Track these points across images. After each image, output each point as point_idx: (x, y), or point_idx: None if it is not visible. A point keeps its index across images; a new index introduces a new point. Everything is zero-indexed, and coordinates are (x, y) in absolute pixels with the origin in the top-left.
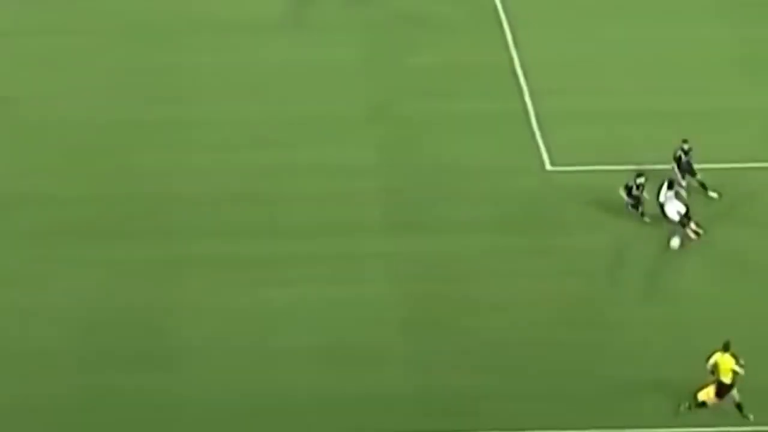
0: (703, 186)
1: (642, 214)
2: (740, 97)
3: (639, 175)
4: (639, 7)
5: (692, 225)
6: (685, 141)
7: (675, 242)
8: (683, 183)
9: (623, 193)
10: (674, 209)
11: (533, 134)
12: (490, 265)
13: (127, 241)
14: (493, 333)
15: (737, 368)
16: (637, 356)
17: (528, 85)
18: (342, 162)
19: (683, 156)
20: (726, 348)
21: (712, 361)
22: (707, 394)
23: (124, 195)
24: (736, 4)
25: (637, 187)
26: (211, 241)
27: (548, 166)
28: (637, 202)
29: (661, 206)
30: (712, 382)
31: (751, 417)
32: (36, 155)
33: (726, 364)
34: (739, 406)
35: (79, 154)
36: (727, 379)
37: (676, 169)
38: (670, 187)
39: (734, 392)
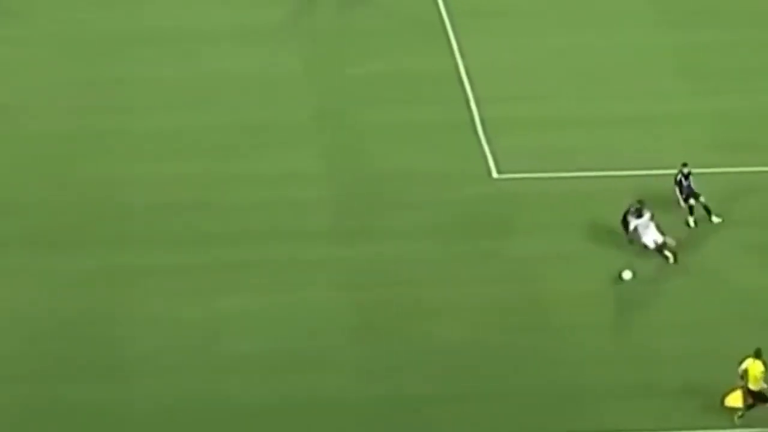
0: (707, 210)
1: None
2: (680, 103)
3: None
4: (580, 15)
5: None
6: (684, 164)
7: (627, 274)
8: (683, 205)
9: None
10: (651, 238)
11: (480, 142)
12: (436, 271)
13: (75, 250)
14: (439, 338)
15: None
16: (581, 360)
17: (474, 93)
18: (289, 170)
19: (683, 180)
20: (758, 355)
21: (743, 366)
22: (735, 399)
23: (73, 204)
24: (673, 11)
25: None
26: (161, 250)
27: (495, 174)
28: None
29: (629, 231)
30: (740, 388)
31: None
32: None
33: (755, 370)
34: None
35: (28, 164)
36: (755, 386)
37: (678, 193)
38: (639, 215)
39: None
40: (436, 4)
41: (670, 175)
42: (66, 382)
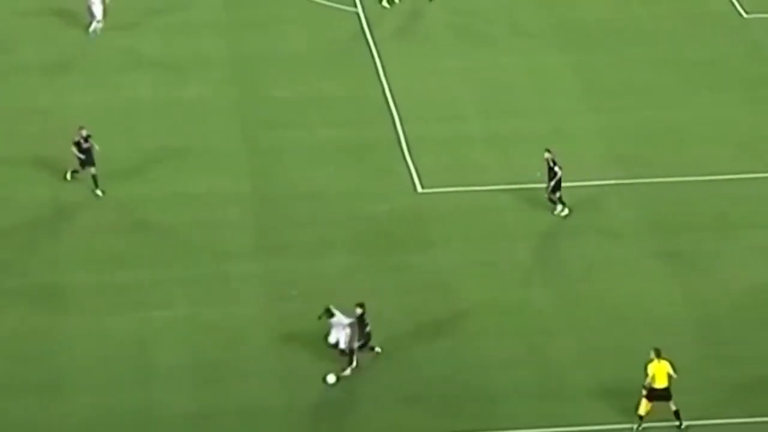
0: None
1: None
2: (579, 118)
3: None
4: (489, 40)
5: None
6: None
7: (331, 378)
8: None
9: None
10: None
11: (405, 159)
12: (354, 282)
13: (6, 269)
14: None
15: (672, 373)
16: (485, 364)
17: (398, 113)
18: (214, 190)
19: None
20: (658, 354)
21: (650, 370)
22: (646, 406)
23: (6, 226)
24: (570, 34)
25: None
26: (91, 268)
27: (420, 188)
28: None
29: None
30: (644, 396)
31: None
32: None
33: (662, 370)
34: (676, 414)
35: None
36: (661, 384)
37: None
38: (330, 315)
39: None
40: (363, 30)
41: (576, 187)
42: (3, 399)
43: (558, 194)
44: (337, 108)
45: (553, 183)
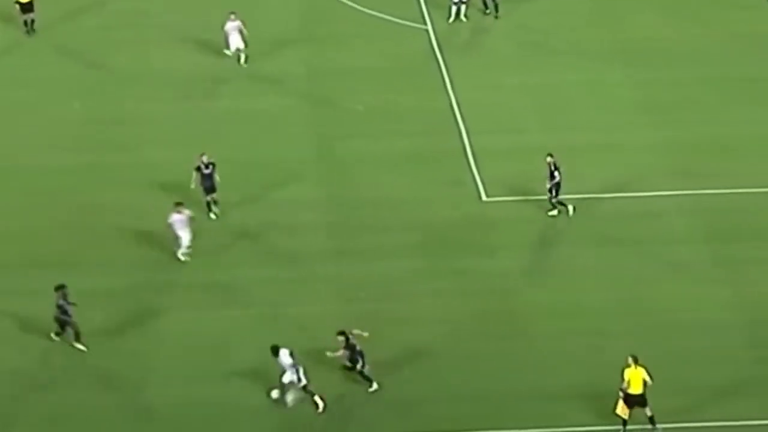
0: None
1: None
2: (635, 132)
3: None
4: (554, 56)
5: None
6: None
7: (274, 394)
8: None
9: None
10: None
11: (470, 169)
12: (421, 285)
13: (74, 270)
14: (420, 345)
15: (648, 379)
16: (549, 364)
17: (465, 125)
18: (291, 197)
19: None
20: (636, 361)
21: (626, 375)
22: (622, 409)
23: (81, 230)
24: (628, 53)
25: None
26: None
27: (484, 197)
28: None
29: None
30: (621, 397)
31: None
32: (4, 196)
33: (638, 376)
34: (651, 420)
35: (39, 195)
36: (636, 390)
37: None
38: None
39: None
40: (432, 46)
41: (633, 198)
42: (76, 390)
43: (554, 196)
44: (406, 120)
45: (551, 185)
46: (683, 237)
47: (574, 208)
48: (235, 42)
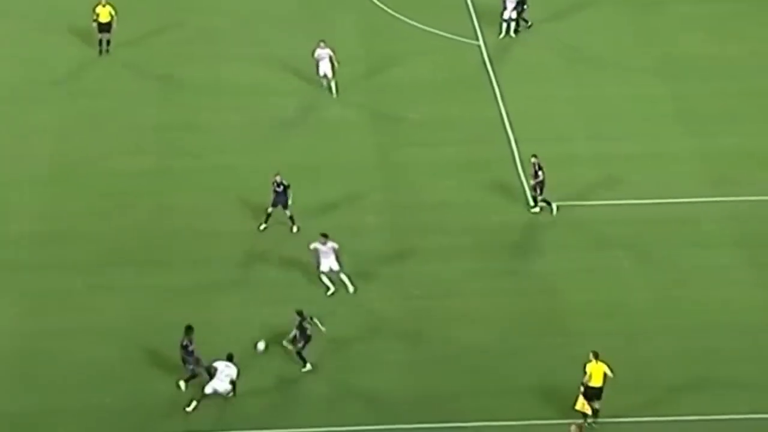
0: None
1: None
2: (676, 142)
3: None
4: (597, 70)
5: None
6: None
7: (260, 345)
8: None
9: None
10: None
11: (519, 175)
12: (471, 284)
13: (156, 269)
14: (470, 341)
15: (609, 372)
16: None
17: (514, 134)
18: (352, 200)
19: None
20: (596, 356)
21: (587, 369)
22: (582, 404)
23: (156, 230)
24: (669, 67)
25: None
26: (234, 266)
27: (531, 202)
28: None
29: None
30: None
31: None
32: (83, 199)
33: (599, 370)
34: (595, 412)
35: (117, 197)
36: (597, 383)
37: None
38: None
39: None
40: (483, 60)
41: (673, 204)
42: (158, 381)
43: (539, 195)
44: (459, 129)
45: (534, 183)
46: (719, 241)
47: (558, 208)
48: (324, 69)
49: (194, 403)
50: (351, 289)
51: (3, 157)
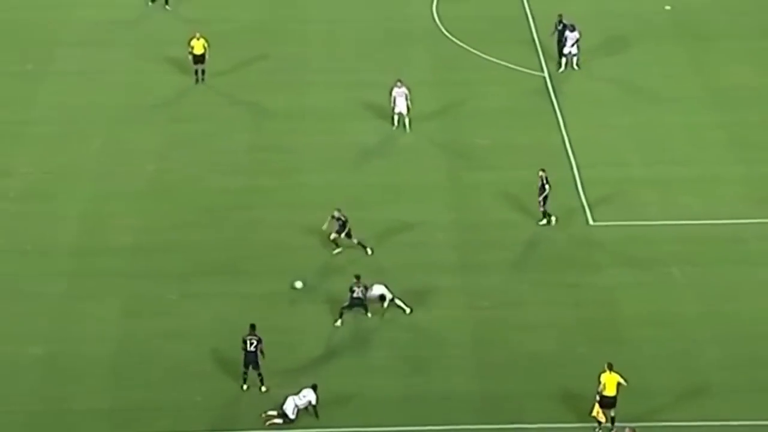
0: None
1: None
2: (725, 167)
3: None
4: (652, 100)
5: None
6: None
7: (298, 284)
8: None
9: None
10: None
11: (579, 196)
12: (534, 295)
13: (244, 278)
14: (533, 348)
15: (623, 381)
16: (644, 366)
17: (575, 159)
18: (424, 218)
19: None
20: (611, 368)
21: (602, 379)
22: (597, 412)
23: (243, 243)
24: (721, 97)
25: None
26: (318, 277)
27: (591, 221)
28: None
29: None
30: (597, 401)
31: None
32: (179, 213)
33: (612, 380)
34: (612, 420)
35: (210, 212)
36: (611, 392)
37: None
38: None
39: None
40: (547, 90)
41: (722, 224)
42: (228, 380)
43: (545, 207)
44: (524, 153)
45: (541, 197)
46: (765, 259)
47: (557, 219)
48: (400, 107)
49: (273, 412)
50: (407, 310)
51: (108, 174)
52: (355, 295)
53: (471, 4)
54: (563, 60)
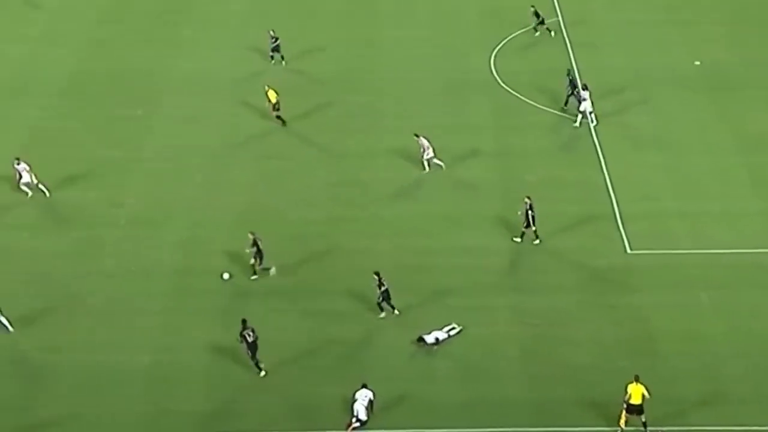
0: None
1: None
2: (748, 203)
3: None
4: (682, 143)
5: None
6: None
7: (225, 276)
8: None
9: None
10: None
11: (618, 227)
12: (577, 314)
13: (324, 296)
14: (576, 361)
15: (646, 393)
16: (675, 376)
17: (615, 194)
18: (479, 244)
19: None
20: (637, 379)
21: (628, 389)
22: (623, 418)
23: (325, 266)
24: (744, 141)
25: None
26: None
27: (629, 250)
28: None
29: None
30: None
31: None
32: (267, 240)
33: (638, 391)
34: (644, 425)
35: (295, 240)
36: (637, 401)
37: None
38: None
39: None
40: (590, 132)
41: (745, 253)
42: (324, 384)
43: (534, 229)
44: (568, 189)
45: (527, 221)
46: None
47: (540, 241)
48: (430, 154)
49: (355, 422)
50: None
51: (206, 205)
52: (382, 289)
53: (524, 59)
54: (579, 117)
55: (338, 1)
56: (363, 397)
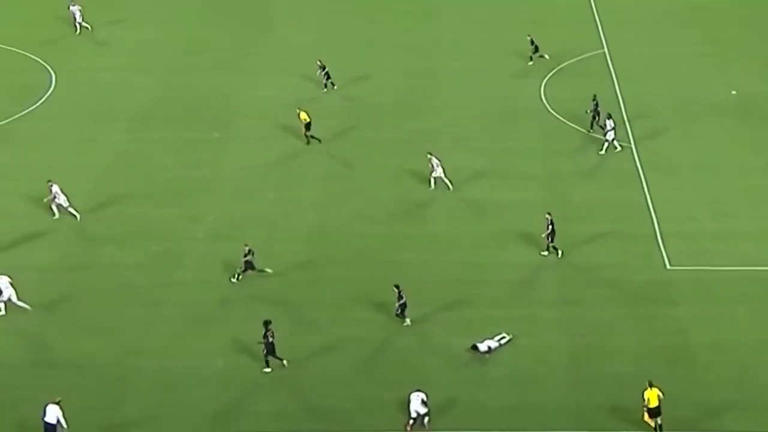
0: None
1: None
2: None
3: None
4: (718, 167)
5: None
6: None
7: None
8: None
9: None
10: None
11: (659, 245)
12: (618, 325)
13: (383, 308)
14: (616, 368)
15: (661, 394)
16: (709, 383)
17: (655, 214)
18: (528, 260)
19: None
20: (651, 385)
21: (645, 394)
22: (646, 416)
23: (384, 278)
24: None
25: None
26: (445, 309)
27: (668, 266)
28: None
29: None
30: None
31: None
32: (332, 253)
33: (654, 395)
34: (660, 427)
35: (357, 254)
36: (654, 404)
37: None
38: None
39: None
40: (634, 160)
41: (763, 270)
42: (383, 388)
43: (551, 242)
44: (613, 210)
45: (547, 234)
46: None
47: (563, 253)
48: (440, 173)
49: (411, 421)
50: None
51: (277, 221)
52: (401, 301)
53: (572, 87)
54: (605, 145)
55: (399, 36)
56: (416, 397)
